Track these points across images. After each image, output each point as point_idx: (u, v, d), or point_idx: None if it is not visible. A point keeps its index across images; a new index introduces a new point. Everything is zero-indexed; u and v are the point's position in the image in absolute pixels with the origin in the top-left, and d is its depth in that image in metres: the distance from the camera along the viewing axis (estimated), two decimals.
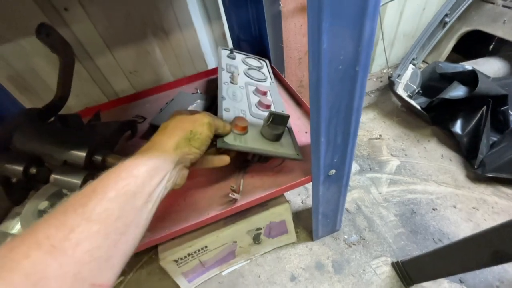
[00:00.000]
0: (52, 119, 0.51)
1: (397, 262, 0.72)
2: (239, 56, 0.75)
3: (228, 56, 0.73)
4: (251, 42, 0.84)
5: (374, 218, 0.84)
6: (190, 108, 0.71)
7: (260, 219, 0.68)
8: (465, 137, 0.92)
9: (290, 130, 0.56)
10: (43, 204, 0.46)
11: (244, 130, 0.48)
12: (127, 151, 0.67)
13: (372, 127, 1.12)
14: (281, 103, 0.63)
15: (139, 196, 0.28)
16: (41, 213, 0.45)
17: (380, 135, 1.07)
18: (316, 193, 0.59)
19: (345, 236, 0.81)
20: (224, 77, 0.63)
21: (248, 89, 0.63)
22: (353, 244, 0.79)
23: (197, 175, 0.57)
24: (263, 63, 0.78)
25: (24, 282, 0.20)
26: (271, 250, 0.80)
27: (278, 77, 0.81)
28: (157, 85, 0.88)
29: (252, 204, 0.53)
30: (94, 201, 0.25)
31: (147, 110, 0.81)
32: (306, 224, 0.84)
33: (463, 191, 0.87)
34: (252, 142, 0.48)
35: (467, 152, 0.93)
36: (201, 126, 0.38)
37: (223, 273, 0.77)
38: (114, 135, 0.60)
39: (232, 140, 0.46)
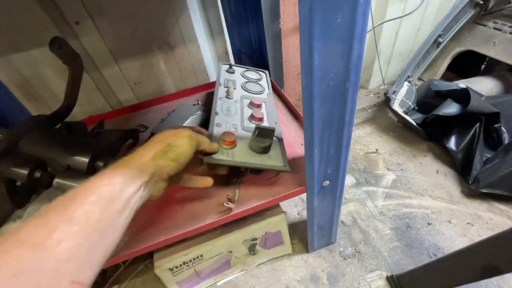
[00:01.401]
0: (58, 125, 0.54)
1: (391, 276, 0.72)
2: (239, 70, 0.79)
3: (227, 71, 0.76)
4: (252, 57, 0.88)
5: (369, 231, 0.84)
6: (190, 118, 0.74)
7: (256, 229, 0.69)
8: (459, 153, 0.94)
9: (280, 142, 0.57)
10: None
11: (232, 144, 0.50)
12: None
13: (369, 141, 1.14)
14: (275, 115, 0.64)
15: (117, 202, 0.30)
16: None
17: (377, 149, 1.09)
18: (311, 204, 0.61)
19: (341, 249, 0.81)
20: (220, 92, 0.65)
21: (243, 102, 0.65)
22: (349, 257, 0.79)
23: None
24: (263, 74, 0.81)
25: (4, 274, 0.21)
26: (267, 261, 0.80)
27: (277, 91, 0.84)
28: (160, 96, 0.91)
29: (247, 213, 0.54)
30: (75, 205, 0.27)
31: (149, 119, 0.83)
32: (302, 236, 0.84)
33: (458, 206, 0.87)
34: (240, 156, 0.50)
35: (462, 168, 0.95)
36: (181, 139, 0.39)
37: (218, 284, 0.77)
38: (117, 143, 0.62)
39: (219, 155, 0.48)
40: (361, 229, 0.85)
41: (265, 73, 0.82)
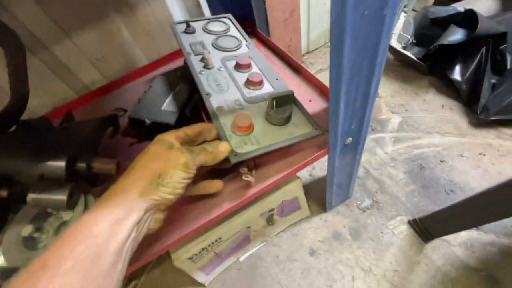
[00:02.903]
0: (13, 127, 0.42)
1: (414, 220, 0.71)
2: (198, 26, 0.64)
3: (186, 32, 0.61)
4: (230, 4, 0.74)
5: (384, 179, 0.82)
6: (171, 95, 0.62)
7: (272, 200, 0.64)
8: (464, 83, 0.89)
9: (297, 102, 0.49)
10: (27, 230, 0.38)
11: (250, 128, 0.42)
12: (112, 151, 0.60)
13: None
14: (272, 71, 0.54)
15: (104, 258, 0.23)
16: (26, 240, 0.38)
17: (378, 93, 1.03)
18: (332, 165, 0.55)
19: (358, 202, 0.79)
20: (195, 64, 0.53)
21: (227, 67, 0.54)
22: (367, 209, 0.77)
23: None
24: (227, 22, 0.67)
25: None
26: (286, 228, 0.77)
27: (265, 42, 0.73)
28: (131, 70, 0.77)
29: (268, 188, 0.47)
30: (45, 280, 0.20)
31: (126, 100, 0.71)
32: (316, 196, 0.81)
33: (468, 138, 0.85)
34: (265, 138, 0.42)
35: (468, 99, 0.91)
36: (173, 168, 0.30)
37: (240, 259, 0.75)
38: (94, 135, 0.51)
39: (243, 147, 0.40)
40: (375, 178, 0.82)
41: (229, 18, 0.67)
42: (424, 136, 0.88)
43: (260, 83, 0.50)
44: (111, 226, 0.25)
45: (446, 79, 0.94)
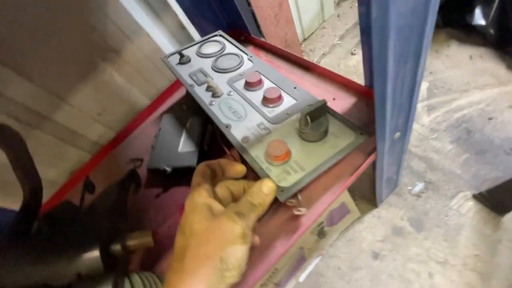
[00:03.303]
0: (36, 225, 0.38)
1: (479, 193, 0.63)
2: (191, 52, 0.59)
3: (182, 63, 0.56)
4: (216, 16, 0.68)
5: (430, 156, 0.74)
6: (184, 134, 0.56)
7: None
8: (490, 26, 0.79)
9: (328, 110, 0.42)
10: None
11: (288, 154, 0.36)
12: (140, 208, 0.56)
13: None
14: (285, 79, 0.48)
15: None
16: None
17: None
18: (381, 165, 0.48)
19: (409, 188, 0.71)
20: (203, 96, 0.48)
21: (237, 89, 0.48)
22: (422, 193, 0.69)
23: None
24: (220, 38, 0.61)
25: None
26: (339, 236, 0.71)
27: (260, 44, 0.67)
28: (134, 115, 0.73)
29: (321, 212, 0.42)
30: None
31: (138, 148, 0.67)
32: (361, 193, 0.74)
33: (511, 85, 0.76)
34: (308, 161, 0.36)
35: (497, 42, 0.81)
36: (232, 243, 0.25)
37: (300, 280, 0.69)
38: (120, 202, 0.47)
39: (288, 179, 0.34)
40: (420, 156, 0.74)
41: (220, 35, 0.62)
42: (460, 96, 0.79)
43: (279, 98, 0.44)
44: None
45: (467, 26, 0.84)
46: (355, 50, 1.03)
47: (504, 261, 0.56)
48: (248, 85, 0.47)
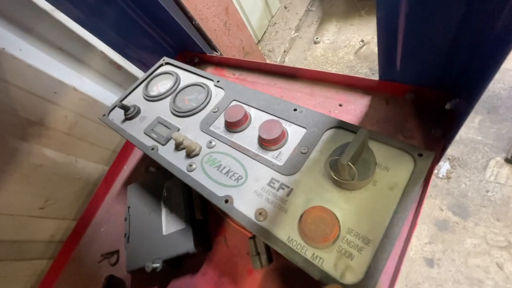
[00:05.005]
0: None
1: None
2: (137, 98, 0.44)
3: (129, 119, 0.41)
4: (156, 43, 0.54)
5: None
6: (164, 211, 0.41)
7: None
8: None
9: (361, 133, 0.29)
10: None
11: (336, 228, 0.23)
12: None
13: (344, 39, 0.90)
14: (277, 102, 0.34)
15: None
16: None
17: (362, 40, 0.86)
18: None
19: (435, 172, 0.62)
20: (176, 161, 0.33)
21: (220, 136, 0.34)
22: (450, 173, 0.61)
23: None
24: (168, 68, 0.47)
25: None
26: None
27: (219, 62, 0.54)
28: (89, 192, 0.56)
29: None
30: None
31: (107, 237, 0.50)
32: None
33: None
34: (370, 222, 0.24)
35: None
36: None
37: None
38: None
39: (355, 267, 0.22)
40: None
41: (167, 63, 0.47)
42: None
43: (283, 135, 0.31)
44: None
45: None
46: (317, 38, 0.94)
47: None
48: (231, 126, 0.34)
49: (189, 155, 0.33)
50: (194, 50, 0.59)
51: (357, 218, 0.24)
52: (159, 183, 0.44)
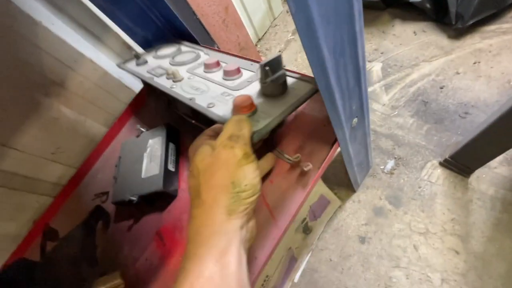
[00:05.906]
0: None
1: (445, 160, 0.66)
2: (149, 56, 0.60)
3: (138, 64, 0.57)
4: (161, 31, 0.66)
5: (395, 132, 0.76)
6: (148, 153, 0.55)
7: (301, 212, 0.58)
8: (426, 1, 0.84)
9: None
10: None
11: (253, 106, 0.36)
12: (113, 246, 0.52)
13: None
14: (242, 60, 0.49)
15: None
16: None
17: None
18: (347, 152, 0.49)
19: (381, 167, 0.73)
20: (164, 83, 0.48)
21: (197, 74, 0.49)
22: (394, 169, 0.72)
23: None
24: (175, 44, 0.63)
25: None
26: (325, 228, 0.71)
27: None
28: (94, 147, 0.68)
29: (294, 213, 0.41)
30: None
31: (102, 182, 0.63)
32: (337, 180, 0.75)
33: (455, 53, 0.80)
34: (274, 109, 0.36)
35: (436, 15, 0.85)
36: (239, 166, 0.27)
37: (295, 280, 0.69)
38: (86, 245, 0.44)
39: (259, 125, 0.34)
40: (386, 135, 0.77)
41: (182, 42, 0.63)
42: (412, 71, 0.83)
43: (238, 70, 0.45)
44: (219, 262, 0.23)
45: (406, 4, 0.89)
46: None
47: (478, 219, 0.59)
48: (207, 67, 0.48)
49: (174, 81, 0.47)
50: (193, 41, 0.71)
51: (268, 107, 0.37)
52: (145, 140, 0.57)
